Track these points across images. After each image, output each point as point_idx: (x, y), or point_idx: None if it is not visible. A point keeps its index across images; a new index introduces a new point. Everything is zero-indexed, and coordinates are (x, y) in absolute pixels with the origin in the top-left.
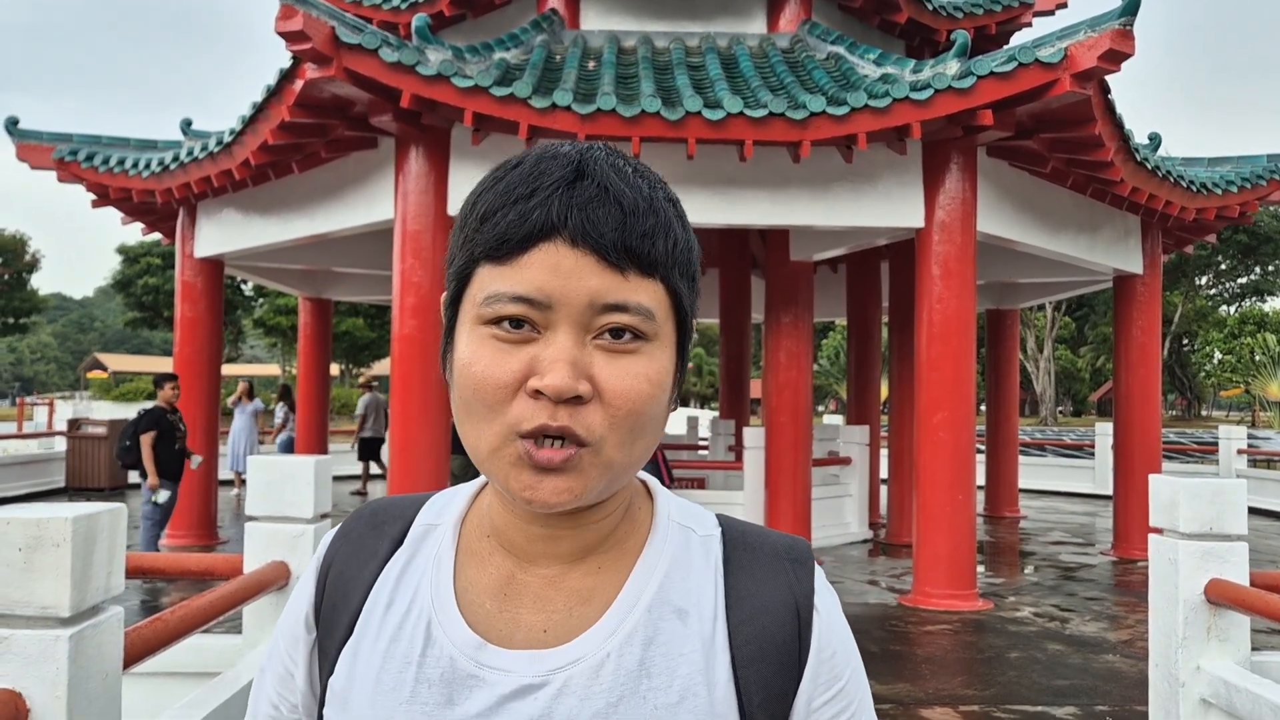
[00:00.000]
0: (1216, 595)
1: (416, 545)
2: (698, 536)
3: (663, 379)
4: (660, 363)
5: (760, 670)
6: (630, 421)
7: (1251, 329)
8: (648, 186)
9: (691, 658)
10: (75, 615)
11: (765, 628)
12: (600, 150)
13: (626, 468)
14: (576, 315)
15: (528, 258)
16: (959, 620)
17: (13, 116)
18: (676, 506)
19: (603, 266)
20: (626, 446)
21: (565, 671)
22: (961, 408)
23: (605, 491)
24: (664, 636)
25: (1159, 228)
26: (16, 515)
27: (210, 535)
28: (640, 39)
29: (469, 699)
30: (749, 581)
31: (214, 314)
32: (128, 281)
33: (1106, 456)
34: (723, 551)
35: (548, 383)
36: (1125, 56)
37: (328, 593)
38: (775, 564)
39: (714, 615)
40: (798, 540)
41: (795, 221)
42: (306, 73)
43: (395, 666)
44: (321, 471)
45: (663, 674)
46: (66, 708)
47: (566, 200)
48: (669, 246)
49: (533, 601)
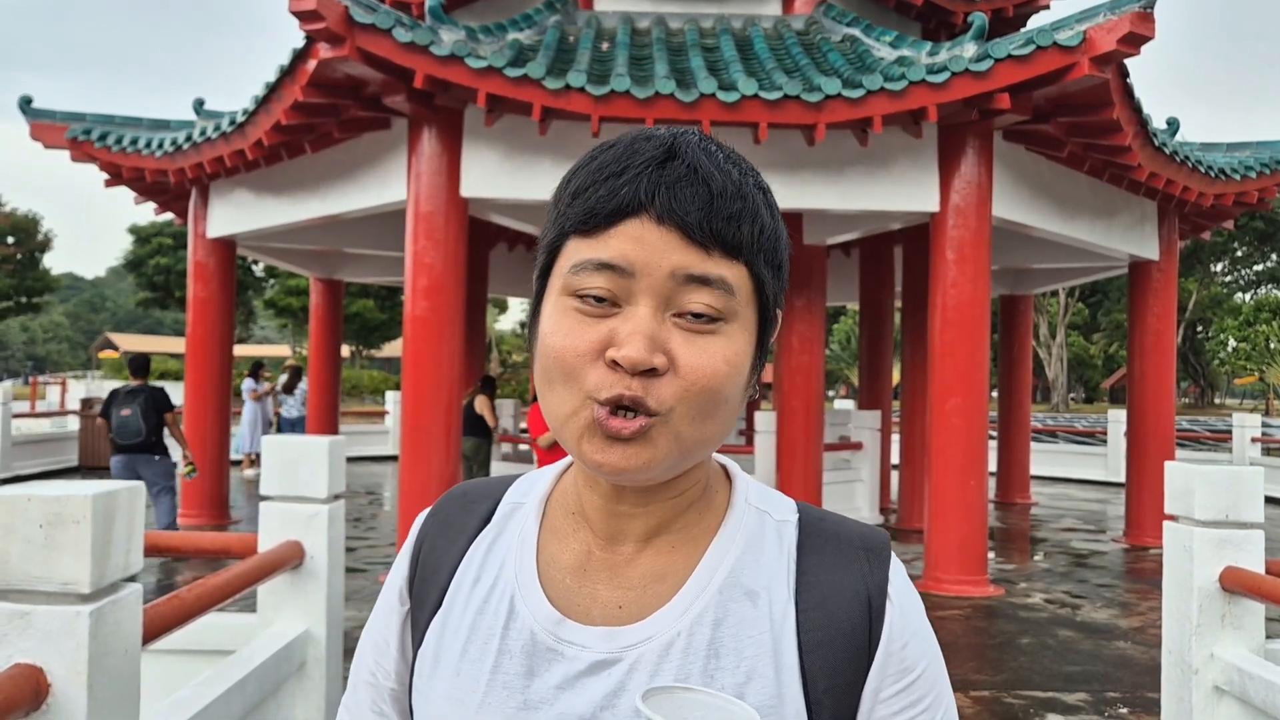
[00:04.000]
0: (1232, 583)
1: (503, 523)
2: (773, 520)
3: (740, 360)
4: (738, 344)
5: (826, 656)
6: (703, 398)
7: (1267, 316)
8: (738, 172)
9: (760, 640)
10: (95, 592)
11: (833, 614)
12: (694, 135)
13: (698, 444)
14: (658, 287)
15: (615, 230)
16: (970, 606)
17: (26, 95)
18: (755, 490)
19: (687, 243)
20: (697, 423)
21: (637, 649)
22: (974, 393)
23: (675, 467)
24: (733, 618)
25: (1176, 213)
26: (37, 493)
27: (223, 515)
28: (654, 20)
29: (548, 672)
30: (821, 568)
31: (226, 294)
32: (139, 261)
33: (1119, 443)
34: (797, 536)
35: (625, 354)
36: (1145, 40)
37: (420, 567)
38: (849, 552)
39: (785, 599)
40: (875, 530)
41: (809, 205)
42: (320, 52)
43: (480, 638)
44: (335, 452)
45: (730, 654)
46: (87, 683)
47: (655, 179)
48: (755, 231)
49: (610, 578)
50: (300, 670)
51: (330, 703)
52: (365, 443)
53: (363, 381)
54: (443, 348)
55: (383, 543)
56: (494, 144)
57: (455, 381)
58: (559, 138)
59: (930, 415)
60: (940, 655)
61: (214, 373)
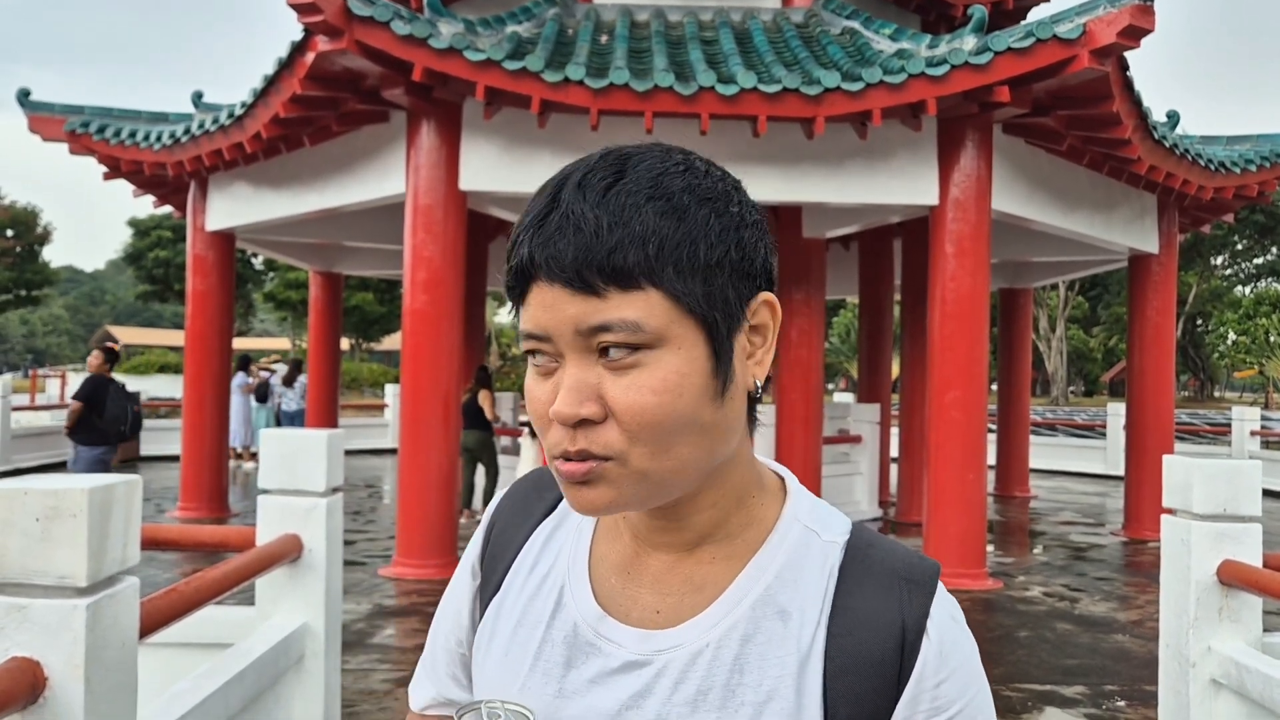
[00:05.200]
0: (1229, 576)
1: (565, 514)
2: (820, 540)
3: (673, 381)
4: (667, 368)
5: (851, 684)
6: (647, 433)
7: (1267, 310)
8: (624, 195)
9: (785, 660)
10: (92, 585)
11: (864, 642)
12: (580, 170)
13: (672, 472)
14: (571, 342)
15: (528, 299)
16: (968, 599)
17: (24, 88)
18: (809, 507)
19: (575, 295)
20: (659, 456)
21: (667, 654)
22: (974, 387)
23: (658, 496)
24: (762, 635)
25: (1176, 207)
26: (34, 486)
27: (221, 508)
28: (653, 13)
29: (584, 665)
30: (858, 593)
31: (225, 287)
32: (138, 255)
33: (1118, 437)
34: (841, 559)
35: (554, 410)
36: (1145, 32)
37: (490, 545)
38: (889, 579)
39: (816, 621)
40: (925, 561)
41: (808, 198)
42: (318, 45)
43: (529, 624)
44: (334, 445)
45: (754, 671)
46: (84, 676)
47: (536, 238)
48: (650, 253)
49: (652, 583)
50: (298, 663)
51: (328, 695)
52: (365, 436)
53: (362, 374)
54: (442, 341)
55: (382, 535)
56: (493, 137)
57: (454, 375)
58: (558, 131)
59: (929, 408)
60: (986, 698)
61: (213, 366)
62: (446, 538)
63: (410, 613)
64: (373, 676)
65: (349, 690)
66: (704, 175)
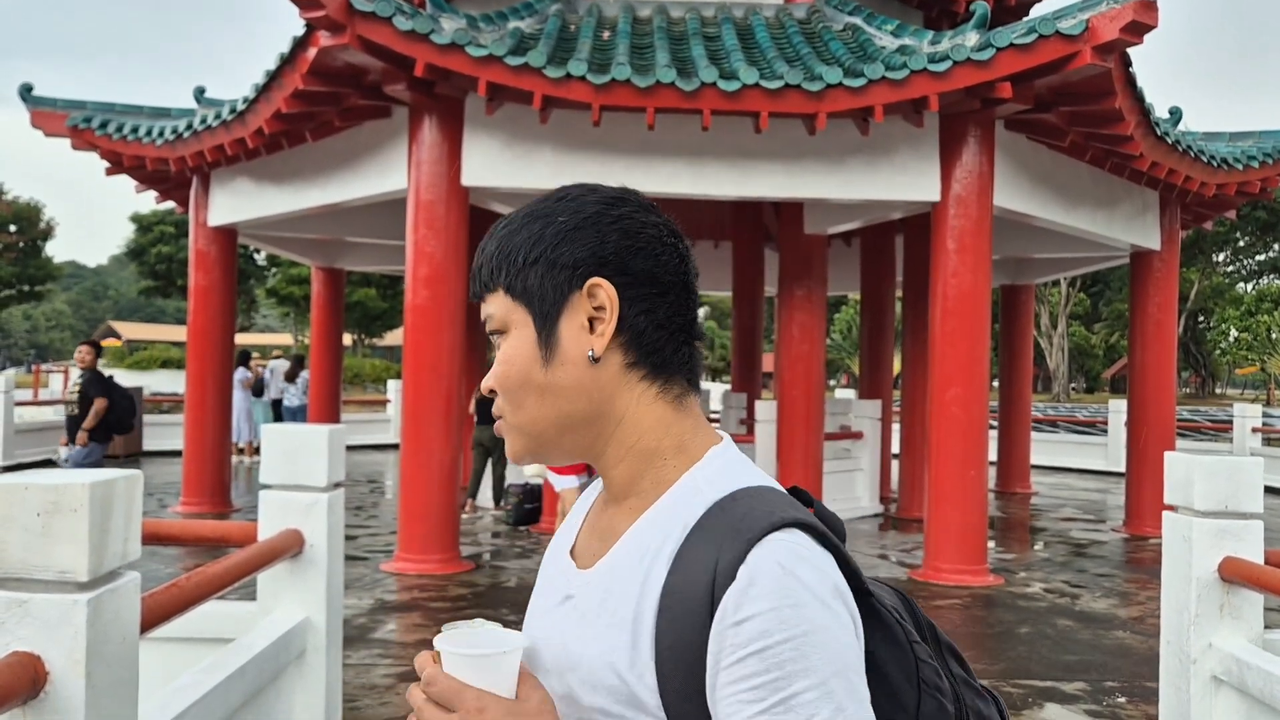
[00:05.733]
0: (1231, 573)
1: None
2: (701, 499)
3: (510, 354)
4: (509, 344)
5: (671, 618)
6: (504, 395)
7: (1269, 306)
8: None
9: (631, 592)
10: (93, 580)
11: (685, 584)
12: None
13: (527, 424)
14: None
15: None
16: (969, 595)
17: (27, 83)
18: (715, 470)
19: (479, 301)
20: (515, 412)
21: (579, 588)
22: (975, 383)
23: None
24: (622, 570)
25: (1178, 203)
26: (35, 481)
27: (224, 503)
28: (655, 9)
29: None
30: (697, 543)
31: (227, 283)
32: (141, 250)
33: (1119, 433)
34: (702, 514)
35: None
36: (1148, 28)
37: None
38: (723, 531)
39: (664, 567)
40: (772, 515)
41: (810, 194)
42: (320, 40)
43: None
44: (335, 440)
45: (613, 599)
46: (85, 671)
47: None
48: (491, 269)
49: (598, 532)
50: (300, 658)
51: (330, 690)
52: (367, 431)
53: (364, 370)
54: (443, 337)
55: (383, 531)
56: (495, 133)
57: (456, 370)
58: (560, 127)
59: (931, 405)
60: (818, 640)
61: (215, 361)
62: (448, 533)
63: (411, 608)
64: (374, 671)
65: (350, 685)
66: (554, 200)
